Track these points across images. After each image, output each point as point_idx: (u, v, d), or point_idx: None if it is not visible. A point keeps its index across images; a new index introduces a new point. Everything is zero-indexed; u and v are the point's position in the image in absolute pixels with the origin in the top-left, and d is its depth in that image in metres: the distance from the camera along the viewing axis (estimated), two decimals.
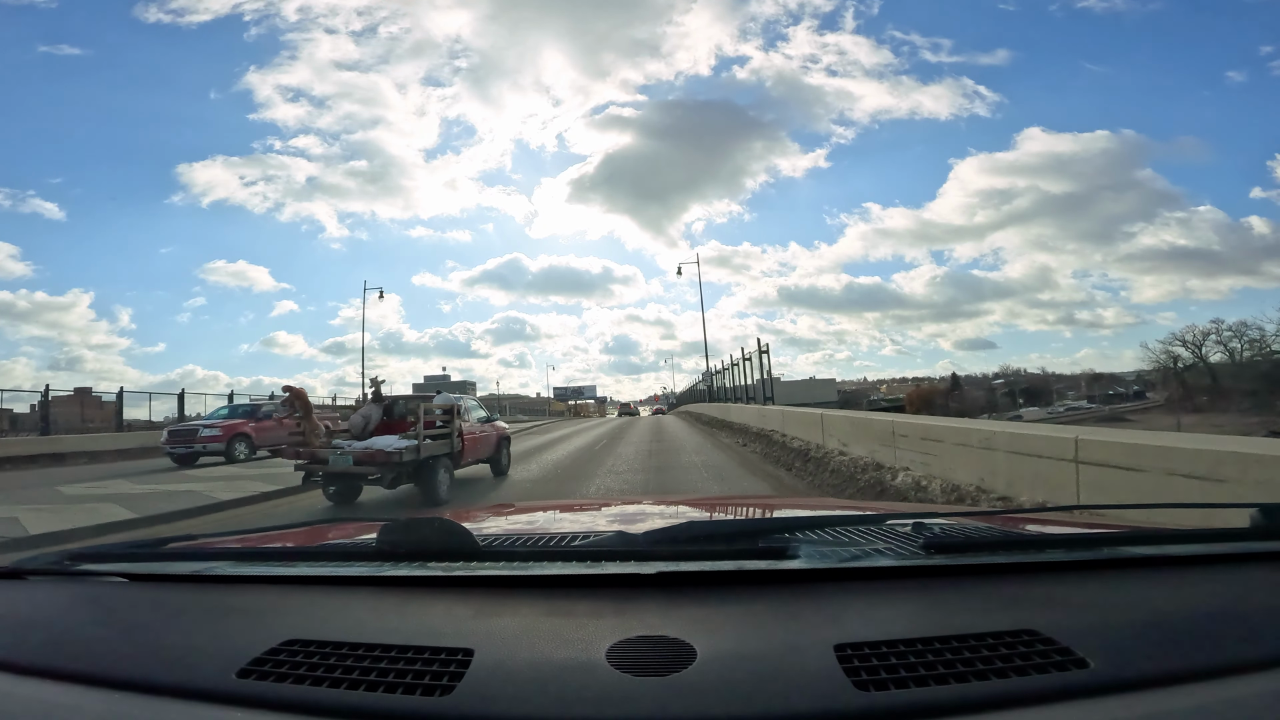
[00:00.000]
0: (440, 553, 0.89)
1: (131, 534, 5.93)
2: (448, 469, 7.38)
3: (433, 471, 7.06)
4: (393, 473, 6.70)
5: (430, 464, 7.04)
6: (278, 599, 0.85)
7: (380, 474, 6.67)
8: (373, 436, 7.28)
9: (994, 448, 4.95)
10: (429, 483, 7.03)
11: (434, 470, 7.08)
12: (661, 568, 0.78)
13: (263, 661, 0.66)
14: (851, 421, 8.90)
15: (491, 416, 9.72)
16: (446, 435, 7.49)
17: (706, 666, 0.61)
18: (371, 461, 6.62)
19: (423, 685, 0.61)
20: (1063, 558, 0.86)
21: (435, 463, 7.12)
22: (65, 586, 0.95)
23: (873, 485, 6.55)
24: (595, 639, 0.65)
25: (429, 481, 7.03)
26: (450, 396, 8.58)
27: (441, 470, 7.21)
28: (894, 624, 0.68)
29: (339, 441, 7.13)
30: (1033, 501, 4.19)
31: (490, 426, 9.19)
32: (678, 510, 1.68)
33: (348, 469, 6.71)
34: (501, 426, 9.83)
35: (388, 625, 0.73)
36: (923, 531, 0.93)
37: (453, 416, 7.68)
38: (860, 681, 0.58)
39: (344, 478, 6.93)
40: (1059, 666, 0.59)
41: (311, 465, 6.90)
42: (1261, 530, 0.86)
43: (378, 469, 6.64)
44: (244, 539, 1.25)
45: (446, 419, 7.63)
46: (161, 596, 0.90)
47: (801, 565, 0.80)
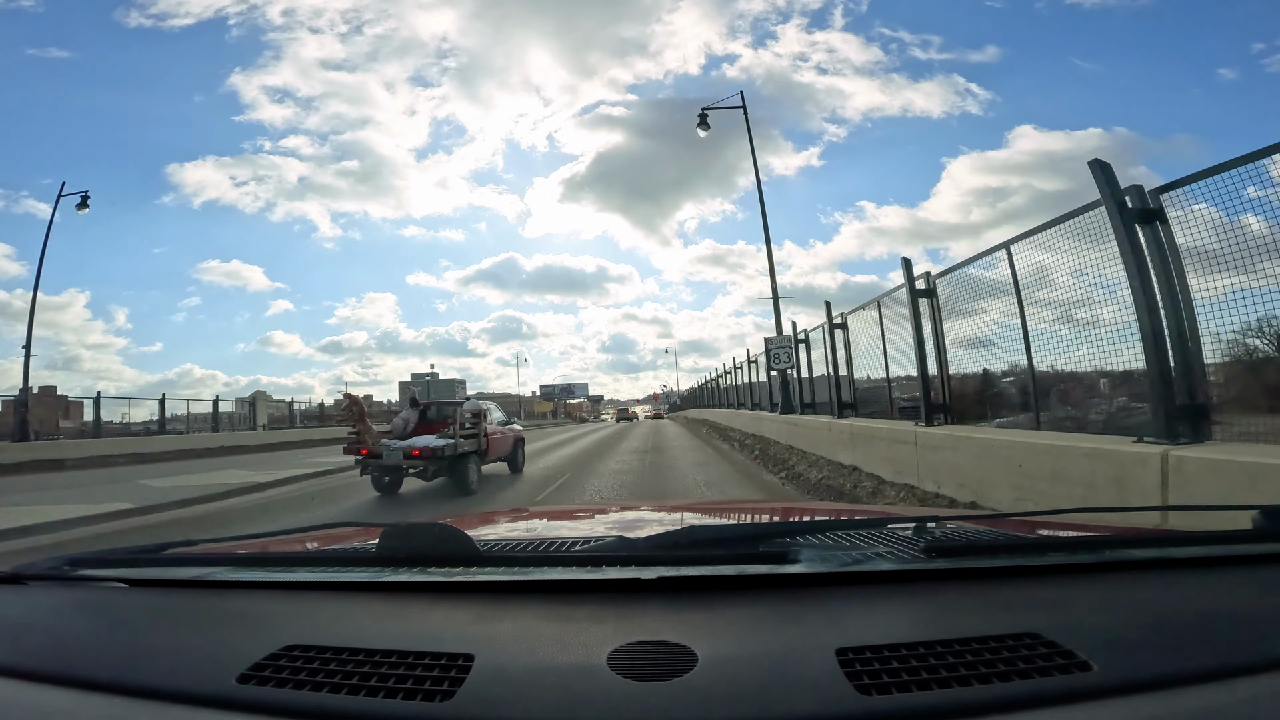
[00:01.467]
0: (440, 558, 0.89)
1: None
2: (476, 464, 8.56)
3: (465, 466, 8.25)
4: (435, 465, 7.99)
5: (463, 459, 8.23)
6: (278, 604, 0.85)
7: (424, 466, 8.01)
8: (412, 437, 8.57)
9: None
10: (462, 475, 8.20)
11: (466, 465, 8.27)
12: (662, 572, 0.78)
13: (263, 667, 0.66)
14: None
15: (509, 420, 10.82)
16: (475, 435, 8.71)
17: (708, 671, 0.60)
18: (419, 456, 7.90)
19: (423, 690, 0.61)
20: (1065, 560, 0.85)
21: (467, 458, 8.32)
22: (65, 592, 0.95)
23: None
24: (596, 643, 0.65)
25: (462, 474, 8.20)
26: (477, 403, 9.79)
27: (472, 465, 8.41)
28: (896, 628, 0.68)
29: (386, 440, 8.36)
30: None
31: (508, 429, 10.32)
32: (678, 515, 1.67)
33: (399, 462, 7.99)
34: (517, 429, 10.91)
35: (388, 630, 0.73)
36: (924, 535, 0.92)
37: (480, 420, 8.97)
38: (862, 685, 0.58)
39: (394, 470, 8.26)
40: (1062, 669, 0.59)
41: (369, 460, 8.22)
42: (1264, 532, 0.86)
43: (423, 462, 7.96)
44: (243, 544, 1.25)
45: (475, 422, 8.91)
46: (161, 602, 0.90)
47: (803, 569, 0.79)
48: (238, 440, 20.39)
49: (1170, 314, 3.34)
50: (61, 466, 14.08)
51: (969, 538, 0.99)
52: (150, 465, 13.77)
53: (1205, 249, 3.22)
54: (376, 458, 8.13)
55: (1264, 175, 2.98)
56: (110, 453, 15.62)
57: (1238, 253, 3.07)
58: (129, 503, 7.77)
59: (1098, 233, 3.80)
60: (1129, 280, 3.50)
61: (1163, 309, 3.36)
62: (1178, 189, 3.35)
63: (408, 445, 8.06)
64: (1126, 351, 3.76)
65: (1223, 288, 3.17)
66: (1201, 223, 3.25)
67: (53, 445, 16.36)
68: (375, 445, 8.22)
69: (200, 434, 20.72)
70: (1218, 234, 3.16)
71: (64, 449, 15.65)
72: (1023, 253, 4.74)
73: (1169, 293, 3.35)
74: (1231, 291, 3.14)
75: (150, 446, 17.29)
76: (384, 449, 8.06)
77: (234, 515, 7.56)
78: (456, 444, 8.08)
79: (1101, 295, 4.09)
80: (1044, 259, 4.58)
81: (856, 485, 6.76)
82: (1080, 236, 4.03)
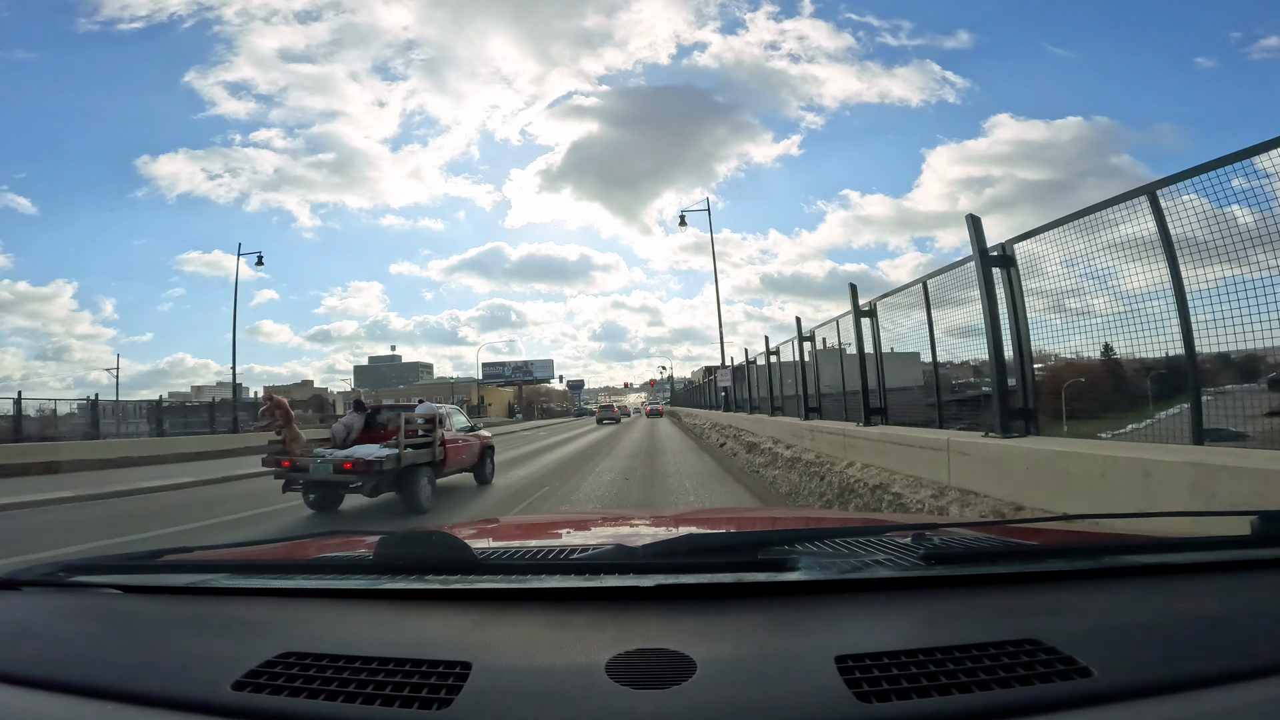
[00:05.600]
0: (438, 566, 0.88)
1: None
2: (430, 478, 7.39)
3: (414, 480, 7.08)
4: (374, 480, 6.76)
5: (412, 472, 7.07)
6: (274, 612, 0.85)
7: (361, 482, 6.75)
8: (354, 445, 7.27)
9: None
10: (411, 491, 7.03)
11: (415, 478, 7.10)
12: (661, 580, 0.78)
13: (259, 674, 0.66)
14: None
15: (475, 425, 9.54)
16: (429, 444, 7.52)
17: (706, 678, 0.60)
18: (352, 470, 6.64)
19: (420, 698, 0.60)
20: (1064, 567, 0.85)
21: (417, 471, 7.15)
22: (59, 598, 0.94)
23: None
24: (594, 651, 0.65)
25: (411, 489, 7.04)
26: (432, 406, 8.51)
27: (423, 479, 7.23)
28: (895, 635, 0.68)
29: (320, 450, 7.12)
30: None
31: (474, 436, 9.06)
32: (676, 523, 1.67)
33: (328, 477, 6.75)
34: (485, 435, 9.57)
35: (385, 638, 0.72)
36: (922, 543, 0.92)
37: (434, 426, 7.71)
38: (862, 693, 0.58)
39: (325, 486, 7.00)
40: (1062, 675, 0.59)
41: (293, 473, 6.94)
42: (1262, 538, 0.86)
43: (358, 477, 6.70)
44: (239, 552, 1.24)
45: (429, 428, 7.68)
46: (156, 608, 0.89)
47: (801, 577, 0.79)
48: (124, 451, 14.72)
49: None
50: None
51: (968, 545, 0.98)
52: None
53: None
54: (302, 471, 6.83)
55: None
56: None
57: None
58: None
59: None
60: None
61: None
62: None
63: (339, 457, 6.76)
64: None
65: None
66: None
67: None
68: (302, 456, 6.95)
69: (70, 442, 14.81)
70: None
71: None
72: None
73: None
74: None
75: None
76: (311, 462, 6.79)
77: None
78: (400, 455, 6.86)
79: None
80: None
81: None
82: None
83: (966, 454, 4.37)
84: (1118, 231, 3.87)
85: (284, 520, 6.99)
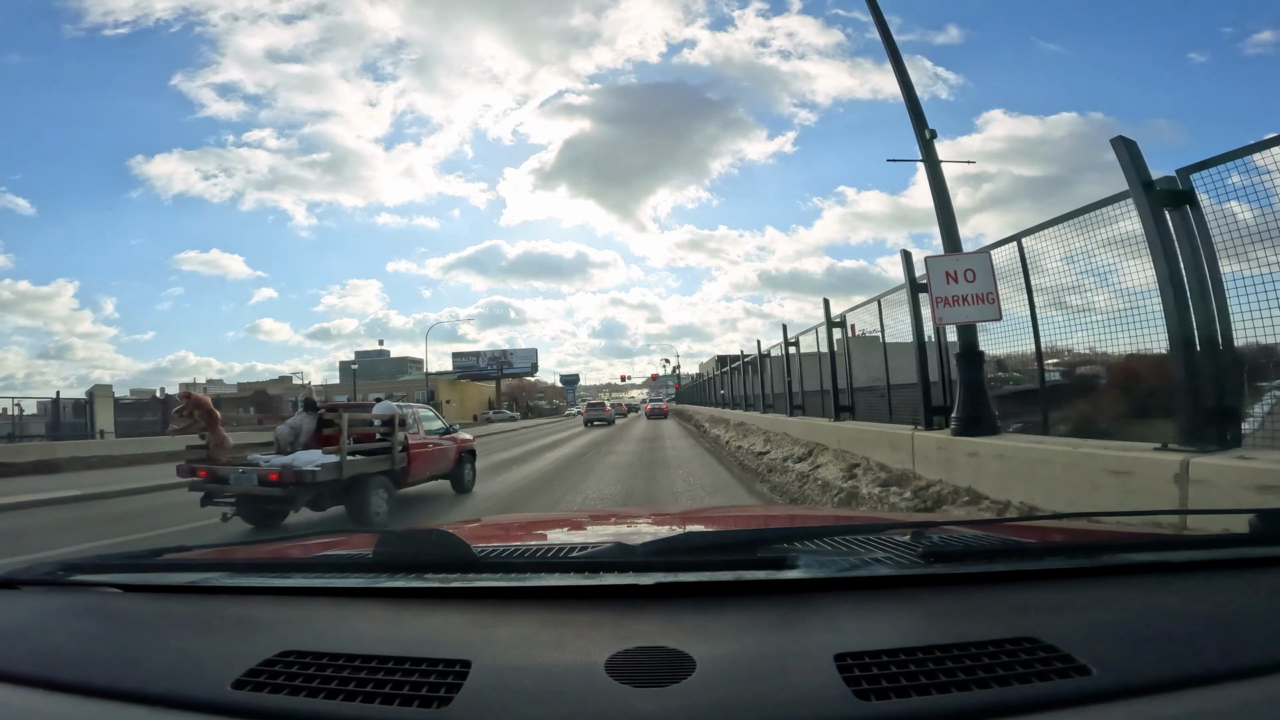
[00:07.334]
0: (437, 564, 0.88)
1: None
2: (386, 488, 6.44)
3: (363, 492, 6.11)
4: (308, 494, 5.71)
5: (361, 483, 6.12)
6: (273, 610, 0.85)
7: (294, 495, 5.66)
8: (302, 450, 6.31)
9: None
10: (359, 505, 6.05)
11: (365, 490, 6.13)
12: (660, 578, 0.78)
13: (258, 673, 0.66)
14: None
15: (450, 427, 8.58)
16: (386, 450, 6.56)
17: (706, 676, 0.60)
18: (279, 481, 5.55)
19: (420, 696, 0.60)
20: (1063, 565, 0.85)
21: (368, 481, 6.20)
22: (58, 597, 0.94)
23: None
24: (594, 649, 0.65)
25: (359, 504, 6.05)
26: (392, 405, 7.35)
27: (377, 490, 6.28)
28: (894, 633, 0.68)
29: (255, 456, 6.16)
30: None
31: (448, 439, 8.12)
32: (676, 521, 1.67)
33: (251, 489, 5.63)
34: (463, 438, 8.54)
35: (385, 636, 0.72)
36: (921, 541, 0.93)
37: (393, 428, 6.69)
38: (861, 691, 0.58)
39: (251, 499, 5.81)
40: (1060, 674, 0.59)
41: (211, 485, 5.80)
42: (1260, 536, 0.86)
43: (289, 489, 5.59)
44: (238, 550, 1.24)
45: (387, 431, 6.69)
46: (156, 607, 0.89)
47: (800, 575, 0.79)
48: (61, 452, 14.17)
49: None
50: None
51: (967, 543, 0.99)
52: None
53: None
54: (221, 482, 5.73)
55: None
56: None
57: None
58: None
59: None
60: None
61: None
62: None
63: (267, 467, 5.69)
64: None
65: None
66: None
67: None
68: (228, 464, 5.94)
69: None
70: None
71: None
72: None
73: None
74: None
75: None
76: (231, 472, 5.73)
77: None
78: (341, 464, 5.85)
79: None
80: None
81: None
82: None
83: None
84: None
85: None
